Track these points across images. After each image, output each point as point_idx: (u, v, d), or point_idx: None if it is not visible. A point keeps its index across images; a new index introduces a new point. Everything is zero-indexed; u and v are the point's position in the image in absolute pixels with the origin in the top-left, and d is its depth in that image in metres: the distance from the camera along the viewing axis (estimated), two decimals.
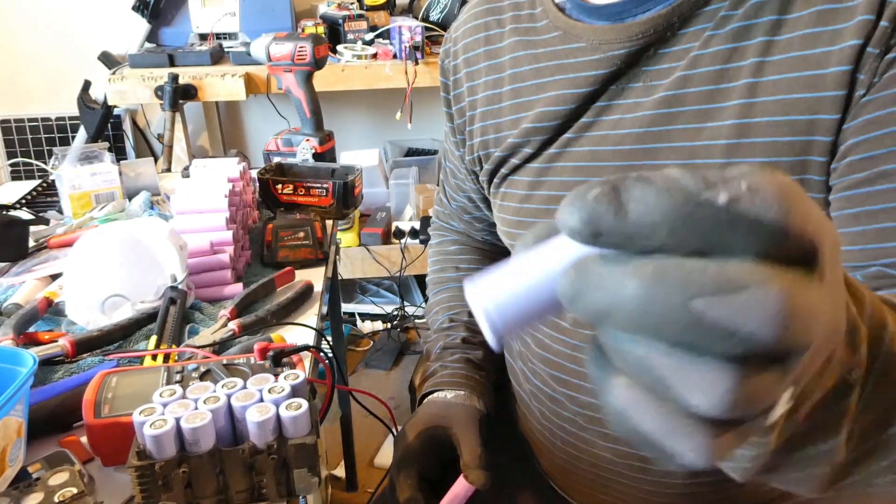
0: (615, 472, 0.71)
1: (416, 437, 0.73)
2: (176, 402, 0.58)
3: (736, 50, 0.57)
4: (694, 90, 0.58)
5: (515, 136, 0.70)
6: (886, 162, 0.52)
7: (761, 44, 0.56)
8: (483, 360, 0.83)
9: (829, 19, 0.53)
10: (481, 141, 0.76)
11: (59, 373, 0.77)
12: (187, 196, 1.04)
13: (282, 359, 0.69)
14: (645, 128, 0.61)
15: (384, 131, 2.56)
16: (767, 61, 0.55)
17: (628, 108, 0.62)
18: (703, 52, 0.58)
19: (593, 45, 0.64)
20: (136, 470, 0.55)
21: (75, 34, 2.35)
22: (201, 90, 2.03)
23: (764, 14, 0.56)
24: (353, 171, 1.22)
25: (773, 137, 0.55)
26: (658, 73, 0.61)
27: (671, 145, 0.60)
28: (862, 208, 0.53)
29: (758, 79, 0.56)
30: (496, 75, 0.73)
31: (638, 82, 0.62)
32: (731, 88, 0.57)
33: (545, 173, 0.69)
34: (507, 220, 0.74)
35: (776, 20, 0.55)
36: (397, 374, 2.16)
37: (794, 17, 0.55)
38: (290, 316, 0.91)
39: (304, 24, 2.17)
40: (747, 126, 0.56)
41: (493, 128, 0.74)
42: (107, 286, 0.89)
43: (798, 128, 0.54)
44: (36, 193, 1.38)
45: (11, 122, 2.36)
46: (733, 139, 0.56)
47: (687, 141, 0.59)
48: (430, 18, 2.22)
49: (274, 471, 0.58)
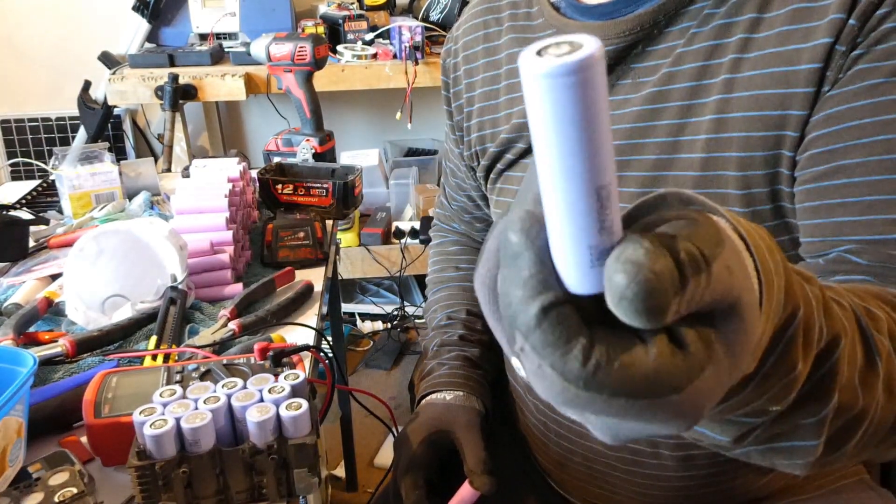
0: (608, 466, 0.71)
1: (420, 444, 0.74)
2: (176, 402, 0.58)
3: (717, 47, 0.58)
4: (678, 86, 0.60)
5: (508, 132, 0.71)
6: (844, 156, 0.53)
7: (740, 41, 0.57)
8: (480, 358, 0.84)
9: (804, 17, 0.54)
10: (478, 136, 0.77)
11: (59, 373, 0.77)
12: (187, 196, 1.04)
13: (282, 359, 0.69)
14: (633, 123, 0.62)
15: (384, 131, 2.56)
16: (744, 58, 0.57)
17: (618, 104, 0.64)
18: (687, 49, 0.59)
19: None
20: (136, 470, 0.55)
21: (75, 34, 2.35)
22: (201, 90, 2.03)
23: (744, 12, 0.57)
24: (353, 171, 1.22)
25: (747, 132, 0.56)
26: (645, 70, 0.62)
27: (656, 140, 0.61)
28: (821, 202, 0.54)
29: (734, 75, 0.57)
30: (493, 72, 0.75)
31: (627, 79, 0.63)
32: (711, 84, 0.58)
33: None
34: None
35: (755, 18, 0.56)
36: (397, 374, 2.16)
37: (772, 16, 0.56)
38: (290, 316, 0.91)
39: (304, 24, 2.17)
40: (724, 121, 0.57)
41: (490, 123, 0.75)
42: (107, 286, 0.89)
43: (770, 122, 0.55)
44: (36, 193, 1.38)
45: (11, 122, 2.36)
46: (712, 134, 0.58)
47: (670, 136, 0.60)
48: (430, 18, 2.22)
49: (274, 471, 0.58)
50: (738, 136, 0.56)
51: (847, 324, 0.37)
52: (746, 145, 0.56)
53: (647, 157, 0.62)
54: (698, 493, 0.69)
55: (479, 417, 0.76)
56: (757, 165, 0.56)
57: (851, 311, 0.38)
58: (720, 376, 0.26)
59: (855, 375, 0.37)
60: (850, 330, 0.37)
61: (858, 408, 0.37)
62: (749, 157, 0.56)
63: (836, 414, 0.35)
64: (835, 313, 0.36)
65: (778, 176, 0.56)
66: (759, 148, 0.56)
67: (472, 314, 0.87)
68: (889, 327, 0.40)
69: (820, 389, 0.35)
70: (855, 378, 0.37)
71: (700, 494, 0.69)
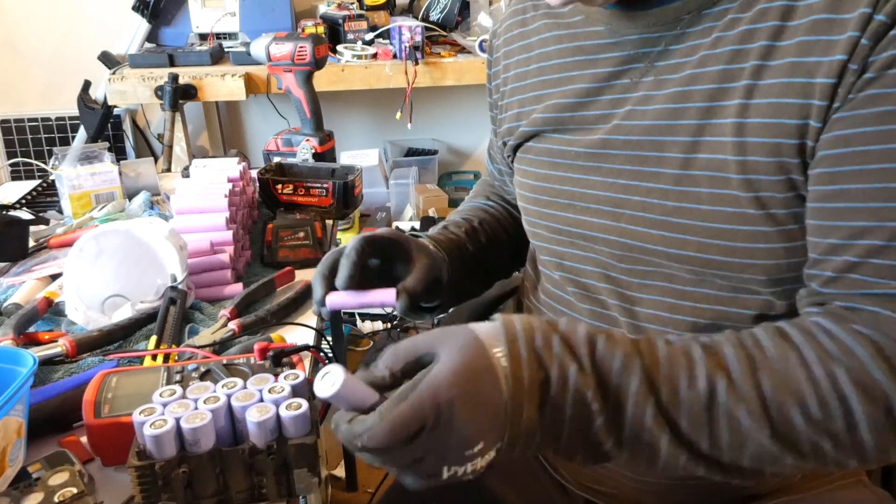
0: None
1: (385, 231, 0.74)
2: (176, 402, 0.58)
3: (740, 52, 0.59)
4: (700, 88, 0.61)
5: (538, 112, 0.74)
6: (845, 181, 0.54)
7: (762, 48, 0.57)
8: (460, 231, 0.85)
9: (825, 29, 0.54)
10: (509, 115, 0.80)
11: (59, 373, 0.77)
12: (187, 196, 1.04)
13: (282, 359, 0.70)
14: (654, 121, 0.63)
15: (384, 131, 2.56)
16: (766, 65, 0.57)
17: (639, 100, 0.65)
18: (712, 52, 0.60)
19: (610, 30, 0.68)
20: (136, 470, 0.55)
21: (75, 34, 2.35)
22: (201, 90, 2.03)
23: (768, 19, 0.57)
24: (353, 171, 1.22)
25: (767, 138, 0.57)
26: (667, 68, 0.63)
27: (675, 139, 0.62)
28: (819, 221, 0.56)
29: (756, 81, 0.57)
30: (526, 54, 0.78)
31: (650, 76, 0.64)
32: (733, 88, 0.59)
33: (561, 155, 0.72)
34: (525, 197, 0.77)
35: (779, 26, 0.57)
36: None
37: (795, 25, 0.56)
38: (290, 316, 0.91)
39: (304, 24, 2.17)
40: (744, 125, 0.58)
41: (518, 103, 0.78)
42: (107, 286, 0.89)
43: (788, 131, 0.56)
44: (36, 193, 1.38)
45: (11, 122, 2.36)
46: (736, 137, 0.58)
47: (690, 136, 0.61)
48: (430, 18, 2.22)
49: (274, 471, 0.58)
50: (757, 141, 0.57)
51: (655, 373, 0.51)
52: (773, 151, 0.57)
53: (667, 154, 0.62)
54: (692, 484, 0.69)
55: (432, 253, 0.76)
56: (774, 171, 0.57)
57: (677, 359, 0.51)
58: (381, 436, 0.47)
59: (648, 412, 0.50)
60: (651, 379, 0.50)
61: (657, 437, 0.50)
62: (767, 162, 0.57)
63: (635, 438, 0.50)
64: (633, 369, 0.50)
65: (794, 183, 0.57)
66: (785, 154, 0.56)
67: (475, 223, 0.88)
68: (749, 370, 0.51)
69: (616, 420, 0.50)
70: (647, 415, 0.50)
71: (694, 486, 0.69)
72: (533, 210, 0.75)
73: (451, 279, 0.79)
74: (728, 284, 0.62)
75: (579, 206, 0.69)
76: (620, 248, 0.66)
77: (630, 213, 0.65)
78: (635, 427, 0.50)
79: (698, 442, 0.51)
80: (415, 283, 0.70)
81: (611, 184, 0.66)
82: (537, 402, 0.49)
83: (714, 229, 0.60)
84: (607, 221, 0.67)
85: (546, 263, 0.77)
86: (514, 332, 0.50)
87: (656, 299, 0.66)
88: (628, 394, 0.50)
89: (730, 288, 0.62)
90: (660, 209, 0.63)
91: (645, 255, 0.65)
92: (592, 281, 0.70)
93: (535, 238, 0.78)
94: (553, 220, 0.72)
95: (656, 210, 0.63)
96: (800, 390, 0.50)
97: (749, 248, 0.59)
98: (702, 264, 0.61)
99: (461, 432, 0.47)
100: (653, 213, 0.63)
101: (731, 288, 0.62)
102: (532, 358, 0.49)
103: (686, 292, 0.64)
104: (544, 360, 0.50)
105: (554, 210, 0.72)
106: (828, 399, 0.50)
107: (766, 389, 0.50)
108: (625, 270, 0.67)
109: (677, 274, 0.64)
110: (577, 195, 0.69)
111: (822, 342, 0.52)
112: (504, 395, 0.48)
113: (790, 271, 0.59)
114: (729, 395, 0.50)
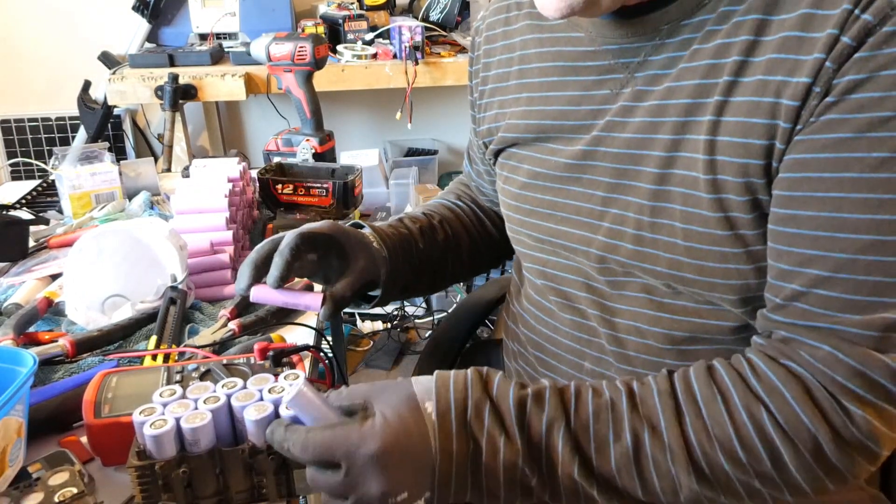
0: (556, 356, 0.74)
1: (325, 225, 0.73)
2: (176, 402, 0.58)
3: (714, 66, 0.57)
4: (676, 102, 0.59)
5: (520, 118, 0.73)
6: (797, 206, 0.53)
7: (735, 63, 0.56)
8: (414, 226, 0.84)
9: (795, 48, 0.53)
10: (489, 115, 0.79)
11: (59, 373, 0.77)
12: (187, 196, 1.04)
13: (282, 359, 0.70)
14: (633, 134, 0.63)
15: (384, 131, 2.56)
16: (738, 81, 0.56)
17: (619, 111, 0.64)
18: (689, 66, 0.59)
19: (591, 37, 0.66)
20: (136, 470, 0.55)
21: (75, 34, 2.35)
22: (201, 90, 2.03)
23: (741, 33, 0.56)
24: (353, 171, 1.22)
25: (735, 158, 0.56)
26: (646, 79, 0.62)
27: (652, 153, 0.61)
28: (774, 245, 0.55)
29: (727, 98, 0.56)
30: (508, 55, 0.76)
31: (629, 87, 0.63)
32: (706, 104, 0.58)
33: (542, 164, 0.71)
34: (507, 204, 0.76)
35: (752, 41, 0.55)
36: (397, 374, 2.16)
37: (767, 40, 0.55)
38: (290, 316, 0.91)
39: (304, 24, 2.17)
40: (714, 143, 0.57)
41: (499, 104, 0.77)
42: (107, 286, 0.89)
43: (755, 151, 0.55)
44: (36, 193, 1.38)
45: (11, 122, 2.36)
46: (708, 155, 0.57)
47: (665, 151, 0.60)
48: (430, 18, 2.22)
49: (274, 471, 0.58)
50: (726, 160, 0.56)
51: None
52: (735, 171, 0.56)
53: (644, 168, 0.62)
54: None
55: (371, 251, 0.75)
56: (742, 191, 0.56)
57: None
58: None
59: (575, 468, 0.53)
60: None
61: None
62: (735, 182, 0.56)
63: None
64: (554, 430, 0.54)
65: (761, 203, 0.56)
66: (746, 175, 0.56)
67: (435, 217, 0.87)
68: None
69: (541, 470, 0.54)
70: (575, 472, 0.53)
71: None
72: (515, 218, 0.75)
73: (392, 276, 0.78)
74: (703, 299, 0.61)
75: (559, 217, 0.69)
76: (599, 260, 0.66)
77: (608, 225, 0.64)
78: (567, 484, 0.54)
79: (633, 490, 0.54)
80: (343, 290, 0.72)
81: (590, 195, 0.66)
82: (468, 467, 0.54)
83: (685, 247, 0.59)
84: (586, 233, 0.66)
85: (530, 270, 0.76)
86: (447, 403, 0.54)
87: (635, 310, 0.65)
88: (557, 456, 0.54)
89: (706, 301, 0.61)
90: (635, 223, 0.62)
91: (622, 268, 0.64)
92: (573, 290, 0.70)
93: (518, 245, 0.77)
94: (535, 229, 0.72)
95: (632, 224, 0.62)
96: (725, 434, 0.52)
97: (719, 268, 0.58)
98: (675, 280, 0.61)
99: (384, 482, 0.51)
100: (629, 227, 0.63)
101: (707, 301, 0.61)
102: (462, 432, 0.54)
103: (664, 304, 0.63)
104: (475, 432, 0.54)
105: (535, 219, 0.71)
106: (753, 442, 0.52)
107: (690, 436, 0.53)
108: (604, 282, 0.67)
109: (655, 286, 0.63)
110: (559, 205, 0.69)
111: (750, 384, 0.53)
112: (432, 450, 0.53)
113: (760, 291, 0.58)
114: (653, 446, 0.53)
